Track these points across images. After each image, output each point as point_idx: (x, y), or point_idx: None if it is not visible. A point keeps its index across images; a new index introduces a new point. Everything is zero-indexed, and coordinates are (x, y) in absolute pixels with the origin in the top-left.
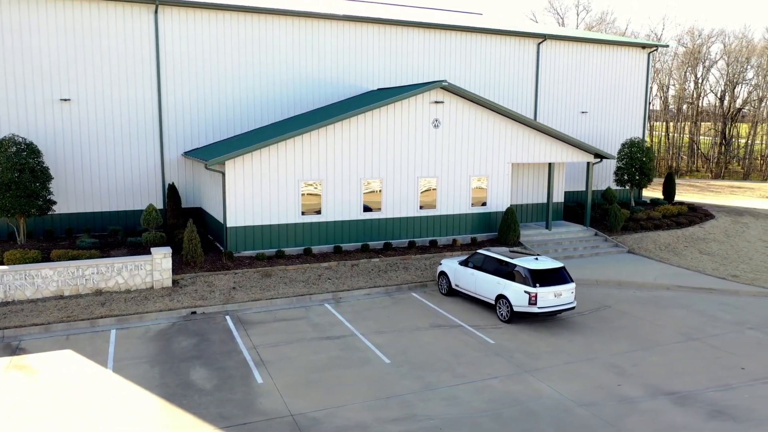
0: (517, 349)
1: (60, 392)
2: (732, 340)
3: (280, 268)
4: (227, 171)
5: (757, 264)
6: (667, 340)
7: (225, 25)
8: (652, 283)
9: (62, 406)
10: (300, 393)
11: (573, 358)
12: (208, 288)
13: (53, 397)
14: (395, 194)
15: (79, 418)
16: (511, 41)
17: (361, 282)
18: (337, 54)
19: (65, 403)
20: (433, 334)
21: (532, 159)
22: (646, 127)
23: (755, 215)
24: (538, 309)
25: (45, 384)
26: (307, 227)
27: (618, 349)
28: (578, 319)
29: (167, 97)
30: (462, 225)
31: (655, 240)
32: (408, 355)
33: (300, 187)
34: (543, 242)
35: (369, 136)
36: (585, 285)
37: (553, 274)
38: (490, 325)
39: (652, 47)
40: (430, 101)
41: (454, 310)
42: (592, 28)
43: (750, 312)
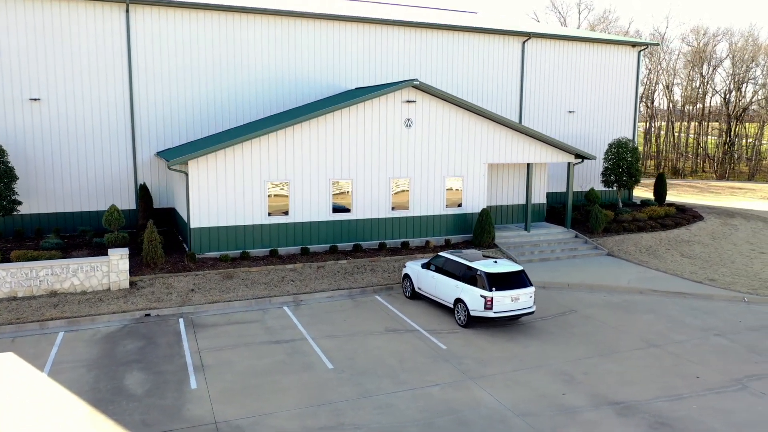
0: (469, 355)
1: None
2: (694, 347)
3: (243, 270)
4: (191, 171)
5: (738, 268)
6: (627, 347)
7: (198, 23)
8: (624, 286)
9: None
10: (232, 399)
11: (524, 364)
12: (166, 290)
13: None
14: (366, 195)
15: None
16: (495, 39)
17: (324, 284)
18: (314, 53)
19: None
20: (386, 338)
21: (510, 159)
22: (637, 127)
23: (747, 217)
24: (494, 314)
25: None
26: (274, 228)
27: (573, 355)
28: (540, 324)
29: (139, 96)
30: (436, 226)
31: (636, 242)
32: (354, 360)
33: (266, 187)
34: (520, 244)
35: (338, 135)
36: (555, 288)
37: (511, 277)
38: (447, 329)
39: (643, 46)
40: (401, 100)
41: (414, 314)
42: (595, 27)
43: (720, 317)
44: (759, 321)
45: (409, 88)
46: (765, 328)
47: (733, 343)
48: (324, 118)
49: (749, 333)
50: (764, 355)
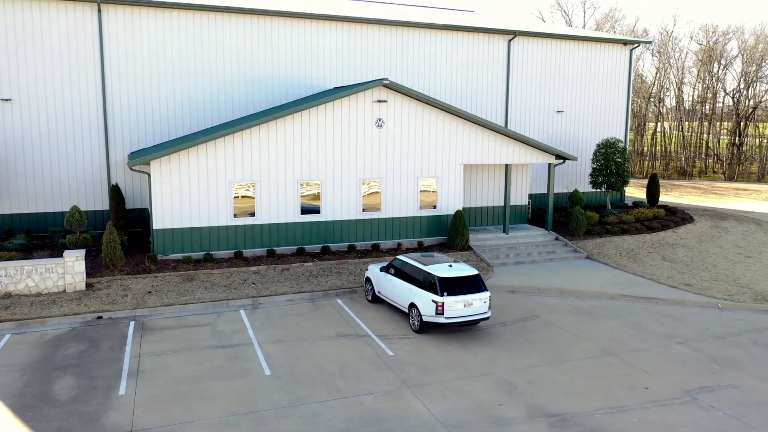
0: (414, 362)
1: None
2: (652, 356)
3: (205, 272)
4: (153, 172)
5: (719, 272)
6: (582, 355)
7: (172, 23)
8: (596, 291)
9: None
10: (156, 407)
11: (468, 373)
12: (123, 292)
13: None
14: (335, 196)
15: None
16: (480, 38)
17: (286, 287)
18: (292, 53)
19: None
20: (334, 344)
21: (487, 160)
22: (629, 127)
23: (740, 219)
24: (446, 319)
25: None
26: (240, 230)
27: (522, 363)
28: (497, 330)
29: (113, 97)
30: (409, 228)
31: (618, 245)
32: (294, 366)
33: (232, 188)
34: (496, 246)
35: (306, 136)
36: (524, 293)
37: (464, 282)
38: (400, 335)
39: (634, 44)
40: (372, 100)
41: (370, 319)
42: (601, 25)
43: (688, 324)
44: (727, 329)
45: (380, 87)
46: (732, 336)
47: (695, 352)
48: (291, 117)
49: (714, 341)
50: (724, 365)
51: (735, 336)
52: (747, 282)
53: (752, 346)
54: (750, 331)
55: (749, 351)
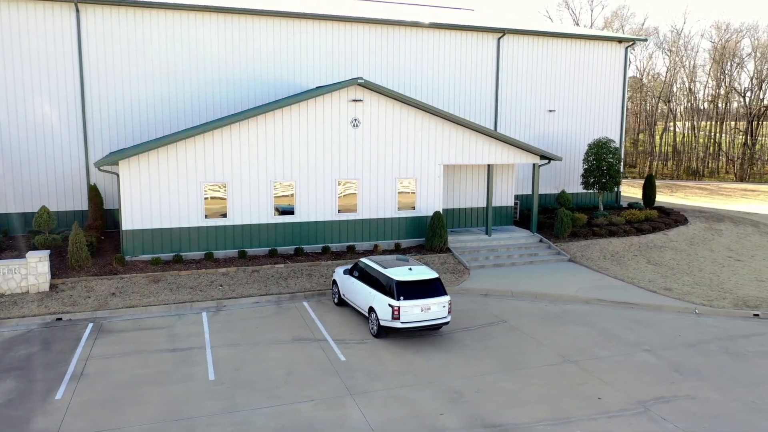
0: (364, 368)
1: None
2: (614, 364)
3: (173, 274)
4: (122, 172)
5: (704, 276)
6: (540, 362)
7: (152, 23)
8: (571, 295)
9: None
10: (87, 412)
11: (417, 380)
12: (86, 293)
13: None
14: (310, 197)
15: None
16: (468, 36)
17: (253, 289)
18: (274, 52)
19: None
20: (288, 348)
21: (468, 160)
22: (624, 126)
23: (737, 221)
24: (401, 324)
25: None
26: (212, 231)
27: (476, 370)
28: (459, 335)
29: (91, 97)
30: (387, 230)
31: (603, 248)
32: (240, 371)
33: (202, 189)
34: (476, 249)
35: (279, 136)
36: (497, 296)
37: (422, 286)
38: (358, 339)
39: (629, 41)
40: (347, 99)
41: (332, 323)
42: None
43: (659, 331)
44: (699, 336)
45: (355, 86)
46: (703, 344)
47: (660, 360)
48: (263, 117)
49: (683, 349)
50: (686, 374)
51: (706, 344)
52: (731, 287)
53: (721, 355)
54: (723, 338)
55: (716, 360)
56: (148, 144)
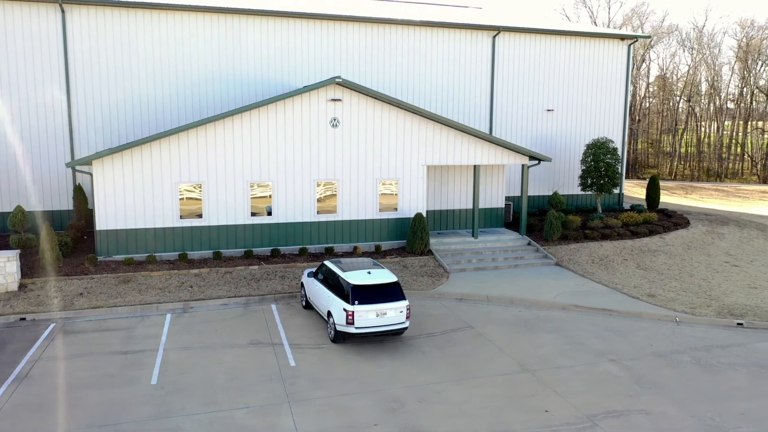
0: (311, 375)
1: None
2: (573, 375)
3: (144, 274)
4: (95, 172)
5: (693, 282)
6: (495, 371)
7: (138, 23)
8: (548, 301)
9: None
10: (18, 415)
11: (362, 388)
12: (54, 293)
13: None
14: (288, 198)
15: None
16: (462, 34)
17: (223, 291)
18: (262, 52)
19: None
20: (242, 352)
21: (453, 161)
22: (627, 126)
23: (742, 224)
24: (356, 329)
25: None
26: (187, 231)
27: (426, 379)
28: (419, 342)
29: (77, 97)
30: (368, 231)
31: (593, 252)
32: (184, 376)
33: (177, 189)
34: (460, 251)
35: (256, 136)
36: (471, 301)
37: (379, 290)
38: (314, 344)
39: (632, 38)
40: (326, 99)
41: (295, 326)
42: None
43: (631, 340)
44: (674, 345)
45: (333, 85)
46: (675, 354)
47: (623, 371)
48: (240, 117)
49: (651, 359)
50: (648, 387)
51: (678, 354)
52: (719, 293)
53: (691, 366)
54: (698, 348)
55: (685, 372)
56: (123, 144)
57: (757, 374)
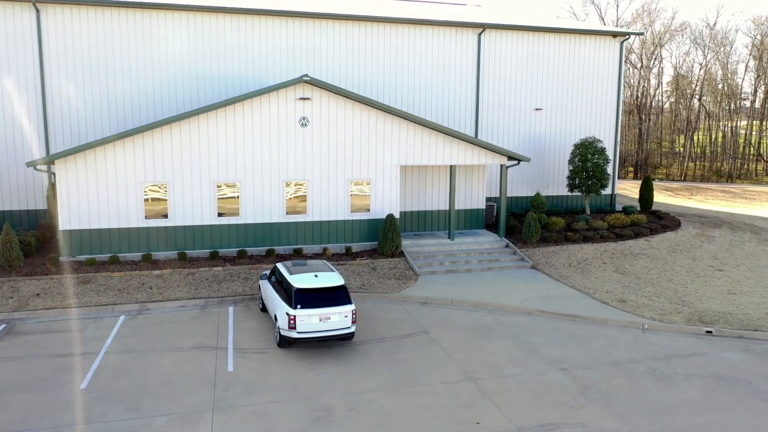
0: (246, 381)
1: None
2: (518, 384)
3: (105, 275)
4: (58, 171)
5: (670, 287)
6: (438, 380)
7: (113, 21)
8: (514, 306)
9: None
10: None
11: (294, 395)
12: (10, 294)
13: None
14: (256, 198)
15: None
16: (446, 32)
17: (182, 293)
18: (240, 50)
19: None
20: (182, 356)
21: (428, 161)
22: (619, 125)
23: (736, 227)
24: (298, 334)
25: None
26: (152, 232)
27: (363, 386)
28: (368, 347)
29: (52, 96)
30: (339, 232)
31: (572, 254)
32: (117, 380)
33: (142, 189)
34: (433, 254)
35: (223, 135)
36: (435, 305)
37: (323, 294)
38: (259, 349)
39: (624, 36)
40: (295, 98)
41: (246, 330)
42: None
43: (590, 347)
44: (633, 354)
45: (302, 84)
46: (631, 364)
47: (572, 381)
48: (206, 116)
49: (605, 369)
50: (593, 398)
51: (635, 363)
52: (694, 299)
53: (645, 377)
54: (657, 358)
55: (637, 382)
56: (87, 144)
57: (713, 387)
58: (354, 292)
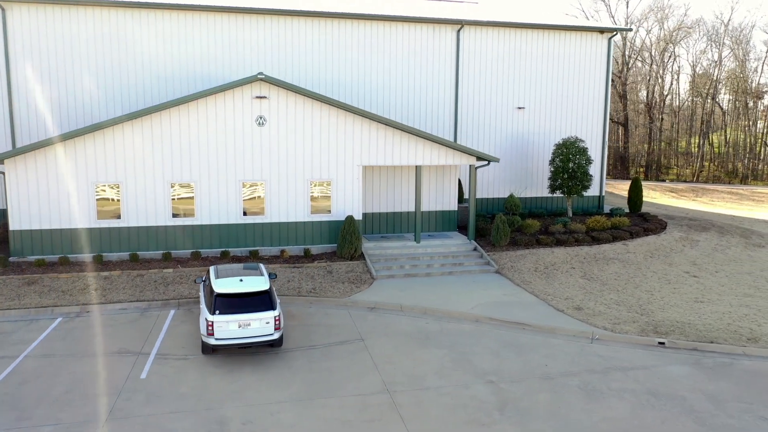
0: (153, 390)
1: None
2: (435, 397)
3: (52, 276)
4: (7, 170)
5: (635, 294)
6: (354, 391)
7: (79, 19)
8: (463, 312)
9: None
10: None
11: (195, 405)
12: None
13: None
14: (212, 199)
15: None
16: (423, 29)
17: (126, 295)
18: (209, 48)
19: None
20: (100, 361)
21: (392, 161)
22: (607, 124)
23: (725, 231)
24: (215, 341)
25: None
26: (105, 233)
27: (272, 397)
28: (296, 355)
29: (19, 96)
30: (299, 234)
31: (541, 259)
32: (23, 387)
33: (94, 189)
34: (396, 257)
35: (177, 134)
36: (383, 311)
37: (244, 300)
38: (182, 355)
39: (612, 32)
40: (251, 96)
41: (178, 335)
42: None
43: (528, 358)
44: (570, 366)
45: (259, 82)
46: (565, 377)
47: (494, 395)
48: (159, 115)
49: (535, 382)
50: (509, 414)
51: (569, 376)
52: (655, 308)
53: (574, 391)
54: (595, 371)
55: (563, 397)
56: (37, 142)
57: (644, 404)
58: (303, 297)
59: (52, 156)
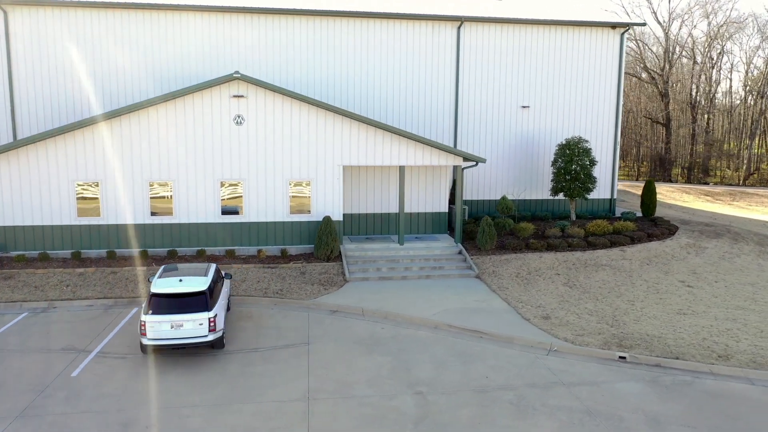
0: (77, 389)
1: None
2: (354, 408)
3: (29, 272)
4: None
5: (614, 304)
6: (276, 397)
7: (77, 21)
8: (423, 318)
9: None
10: None
11: (110, 407)
12: None
13: None
14: (190, 198)
15: None
16: (421, 26)
17: (95, 292)
18: (203, 49)
19: None
20: (40, 358)
21: (374, 162)
22: (619, 123)
23: (739, 238)
24: (148, 341)
25: None
26: (85, 230)
27: (191, 400)
28: (235, 357)
29: (20, 97)
30: (277, 234)
31: (526, 264)
32: None
33: (74, 187)
34: (375, 259)
35: (155, 133)
36: (344, 314)
37: (178, 300)
38: (123, 354)
39: (625, 27)
40: (229, 95)
41: (129, 333)
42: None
43: (471, 369)
44: (512, 379)
45: (236, 81)
46: (502, 390)
47: (418, 408)
48: (137, 114)
49: (467, 395)
50: (426, 427)
51: (505, 390)
52: (629, 319)
53: (505, 407)
54: (537, 385)
55: (490, 413)
56: (18, 140)
57: (575, 423)
58: (268, 297)
59: (34, 154)
